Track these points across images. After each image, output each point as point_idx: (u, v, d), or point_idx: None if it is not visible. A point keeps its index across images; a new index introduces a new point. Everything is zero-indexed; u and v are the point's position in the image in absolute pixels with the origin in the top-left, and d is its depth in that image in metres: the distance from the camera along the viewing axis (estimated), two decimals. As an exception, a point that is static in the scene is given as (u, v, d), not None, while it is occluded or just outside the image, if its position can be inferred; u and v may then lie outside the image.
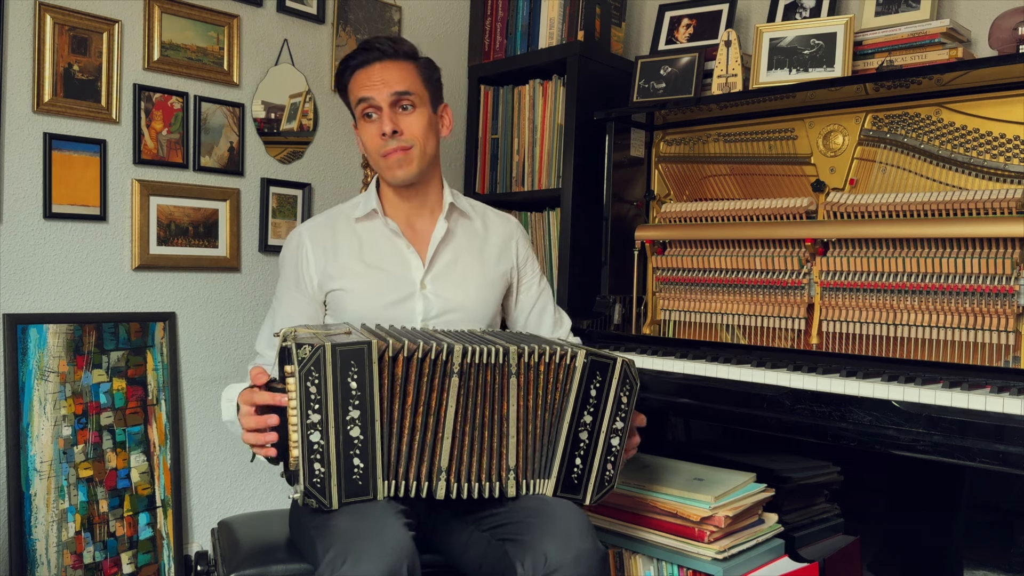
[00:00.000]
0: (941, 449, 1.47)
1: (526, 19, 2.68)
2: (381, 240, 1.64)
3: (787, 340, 2.01)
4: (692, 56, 2.33)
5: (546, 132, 2.58)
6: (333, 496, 1.28)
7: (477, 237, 1.72)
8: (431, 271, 1.63)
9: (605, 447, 1.41)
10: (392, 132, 1.54)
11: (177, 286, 2.25)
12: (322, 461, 1.27)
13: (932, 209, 1.81)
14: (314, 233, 1.63)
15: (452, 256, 1.67)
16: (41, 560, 1.95)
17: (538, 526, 1.34)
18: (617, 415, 1.41)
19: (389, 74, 1.56)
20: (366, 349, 1.29)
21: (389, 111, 1.55)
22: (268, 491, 2.45)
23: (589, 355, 1.39)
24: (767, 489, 1.94)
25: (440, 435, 1.34)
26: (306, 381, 1.26)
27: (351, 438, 1.28)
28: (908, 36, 1.95)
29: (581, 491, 1.41)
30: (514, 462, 1.38)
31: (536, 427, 1.39)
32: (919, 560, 2.04)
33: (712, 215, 2.18)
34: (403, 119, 1.56)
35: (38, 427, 1.98)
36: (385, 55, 1.57)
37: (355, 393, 1.28)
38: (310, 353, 1.26)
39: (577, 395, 1.39)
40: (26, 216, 1.99)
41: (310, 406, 1.26)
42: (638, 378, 1.43)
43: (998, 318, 1.71)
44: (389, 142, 1.55)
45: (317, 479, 1.27)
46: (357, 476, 1.29)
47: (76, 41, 2.02)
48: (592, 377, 1.40)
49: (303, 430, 1.26)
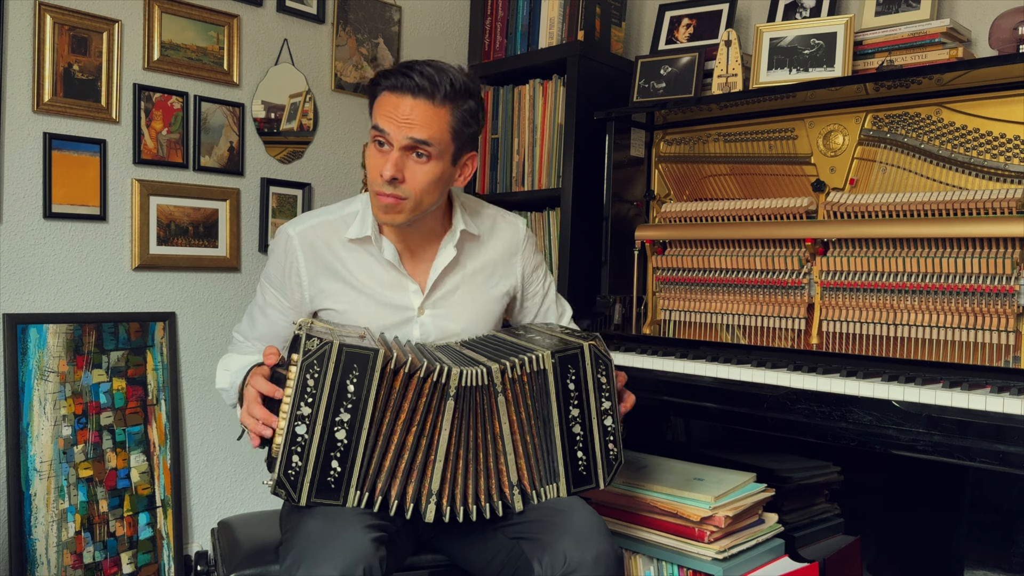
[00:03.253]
0: (941, 449, 1.47)
1: (526, 19, 2.68)
2: (377, 267, 1.53)
3: (787, 340, 2.01)
4: (692, 56, 2.33)
5: (546, 132, 2.58)
6: (303, 492, 1.27)
7: (481, 258, 1.62)
8: (431, 298, 1.55)
9: (601, 431, 1.41)
10: (391, 179, 1.40)
11: (177, 286, 2.25)
12: (301, 455, 1.27)
13: (932, 209, 1.81)
14: (305, 243, 1.52)
15: (453, 284, 1.58)
16: (41, 560, 1.95)
17: (557, 525, 1.33)
18: (601, 396, 1.41)
19: (416, 116, 1.38)
20: (371, 356, 1.28)
21: (399, 154, 1.40)
22: (268, 491, 2.44)
23: (555, 354, 1.38)
24: (767, 489, 1.94)
25: (432, 457, 1.33)
26: (306, 373, 1.26)
27: (335, 440, 1.28)
28: (908, 36, 1.95)
29: (593, 480, 1.41)
30: (516, 477, 1.38)
31: (532, 436, 1.39)
32: (919, 560, 2.04)
33: (712, 215, 2.18)
34: (411, 167, 1.41)
35: (38, 427, 1.98)
36: (422, 92, 1.38)
37: (350, 396, 1.28)
38: (317, 347, 1.26)
39: (557, 395, 1.39)
40: (26, 216, 1.99)
41: (303, 398, 1.26)
42: (608, 352, 1.43)
43: (998, 318, 1.71)
44: (385, 186, 1.41)
45: (292, 471, 1.27)
46: (331, 479, 1.28)
47: (76, 41, 2.02)
48: (565, 373, 1.39)
49: (291, 420, 1.26)
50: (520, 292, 1.70)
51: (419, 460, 1.33)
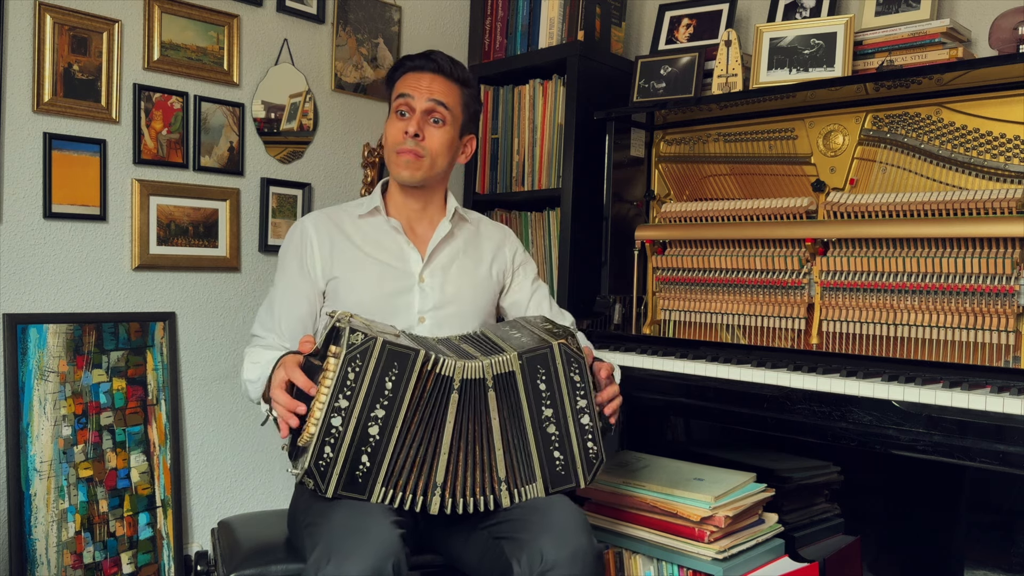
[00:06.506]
0: (941, 449, 1.47)
1: (526, 19, 2.68)
2: (382, 235, 1.68)
3: (787, 340, 2.01)
4: (692, 56, 2.33)
5: (546, 132, 2.58)
6: (331, 484, 1.28)
7: (474, 240, 1.77)
8: (430, 265, 1.67)
9: (577, 430, 1.40)
10: (414, 135, 1.61)
11: (177, 286, 2.25)
12: (333, 447, 1.28)
13: (932, 209, 1.81)
14: (318, 223, 1.67)
15: (450, 254, 1.71)
16: (41, 560, 1.95)
17: (535, 524, 1.34)
18: (576, 395, 1.40)
19: (436, 85, 1.63)
20: (412, 355, 1.30)
21: (420, 116, 1.62)
22: (268, 491, 2.45)
23: (522, 355, 1.39)
24: (767, 489, 1.94)
25: (438, 449, 1.35)
26: (347, 366, 1.27)
27: (368, 435, 1.30)
28: (908, 36, 1.95)
29: (573, 479, 1.41)
30: (504, 473, 1.39)
31: (512, 436, 1.40)
32: (919, 560, 2.04)
33: (712, 215, 2.18)
34: (429, 129, 1.63)
35: (38, 427, 1.98)
36: (441, 71, 1.64)
37: (387, 394, 1.30)
38: (361, 341, 1.28)
39: (527, 395, 1.39)
40: (26, 216, 1.99)
41: (342, 391, 1.27)
42: (580, 350, 1.42)
43: (998, 318, 1.71)
44: (407, 141, 1.61)
45: (323, 462, 1.28)
46: (360, 473, 1.30)
47: (76, 41, 2.02)
48: (535, 373, 1.39)
49: (327, 411, 1.27)
50: (509, 280, 1.80)
51: (428, 453, 1.35)
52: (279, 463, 2.45)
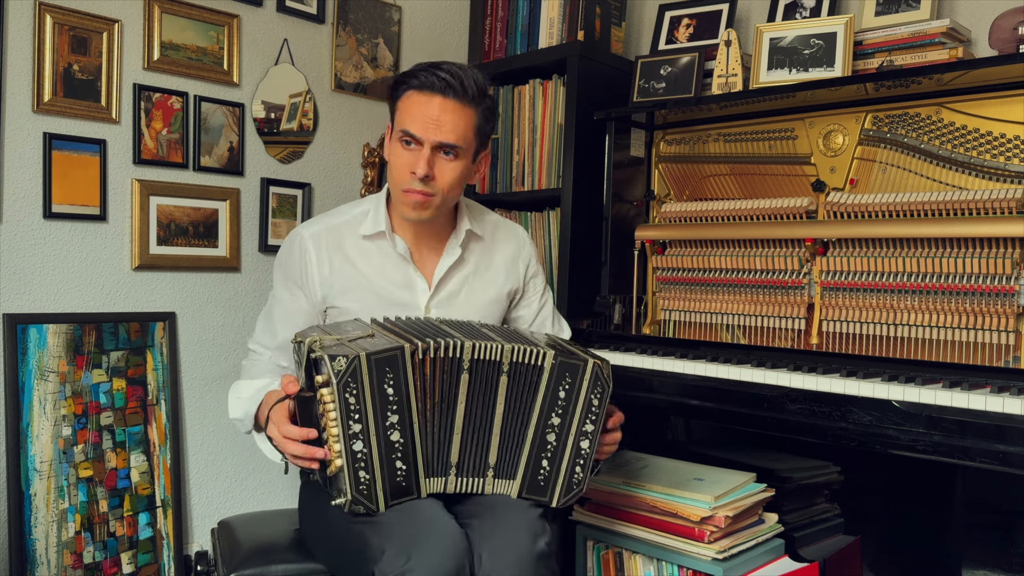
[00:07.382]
0: (941, 449, 1.47)
1: (526, 19, 2.67)
2: (387, 260, 1.59)
3: (787, 340, 2.01)
4: (692, 56, 2.33)
5: (546, 132, 2.58)
6: (380, 500, 1.30)
7: (486, 258, 1.69)
8: (436, 296, 1.61)
9: (574, 450, 1.39)
10: (424, 176, 1.47)
11: (177, 286, 2.25)
12: (367, 468, 1.29)
13: (932, 209, 1.81)
14: (318, 239, 1.58)
15: (459, 280, 1.64)
16: (41, 560, 1.95)
17: (485, 522, 1.35)
18: (587, 418, 1.39)
19: (447, 118, 1.46)
20: (399, 354, 1.30)
21: (430, 153, 1.47)
22: (268, 491, 2.45)
23: (558, 356, 1.38)
24: (767, 489, 1.94)
25: (452, 428, 1.36)
26: (344, 392, 1.26)
27: (392, 443, 1.30)
28: (908, 36, 1.95)
29: (548, 493, 1.40)
30: (494, 460, 1.39)
31: (512, 427, 1.40)
32: (919, 560, 2.04)
33: (712, 215, 2.18)
34: (440, 165, 1.49)
35: (38, 427, 1.98)
36: (452, 92, 1.46)
37: (392, 399, 1.30)
38: (346, 365, 1.26)
39: (544, 396, 1.38)
40: (26, 216, 1.99)
41: (350, 416, 1.27)
42: (611, 380, 1.41)
43: (998, 318, 1.71)
44: (415, 183, 1.48)
45: (363, 486, 1.29)
46: (401, 478, 1.31)
47: (76, 41, 2.02)
48: (561, 379, 1.38)
49: (345, 441, 1.27)
50: (520, 295, 1.75)
51: (445, 436, 1.36)
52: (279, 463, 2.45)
